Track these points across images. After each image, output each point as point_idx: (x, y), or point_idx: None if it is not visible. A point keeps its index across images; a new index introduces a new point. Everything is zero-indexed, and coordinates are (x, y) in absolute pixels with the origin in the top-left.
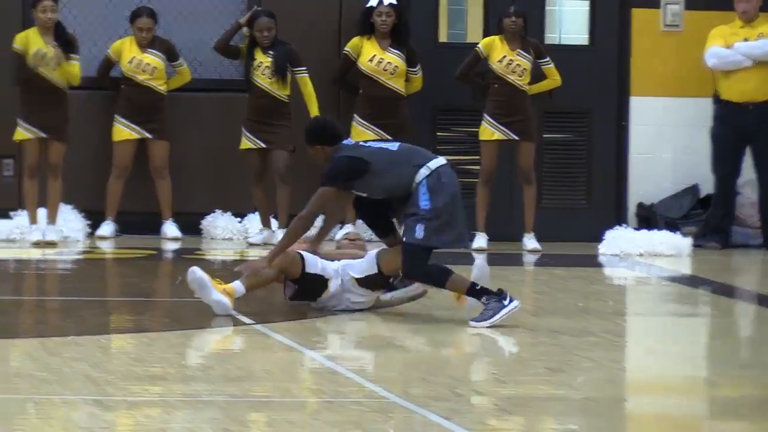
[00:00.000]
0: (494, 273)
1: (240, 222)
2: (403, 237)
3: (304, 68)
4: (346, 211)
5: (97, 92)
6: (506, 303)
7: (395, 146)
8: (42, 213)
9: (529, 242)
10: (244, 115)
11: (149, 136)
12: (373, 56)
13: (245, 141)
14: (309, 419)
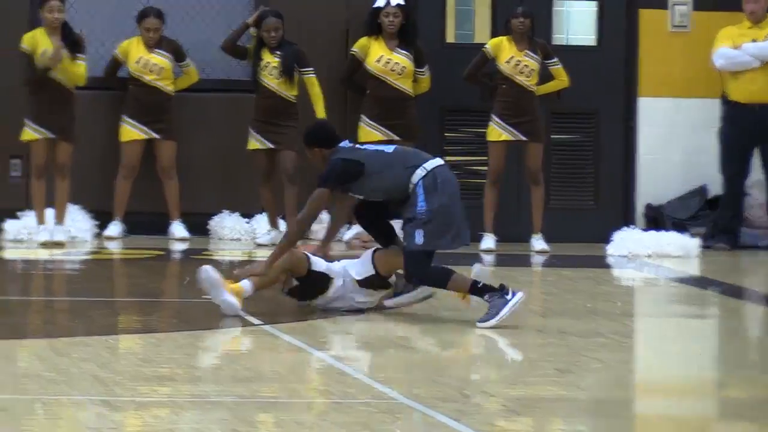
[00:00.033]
0: (502, 274)
1: (248, 222)
2: (404, 243)
3: (311, 69)
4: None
5: (105, 92)
6: (509, 297)
7: (391, 148)
8: (50, 213)
9: (537, 243)
10: (252, 116)
11: (157, 137)
12: (381, 57)
13: (253, 141)
14: (317, 420)
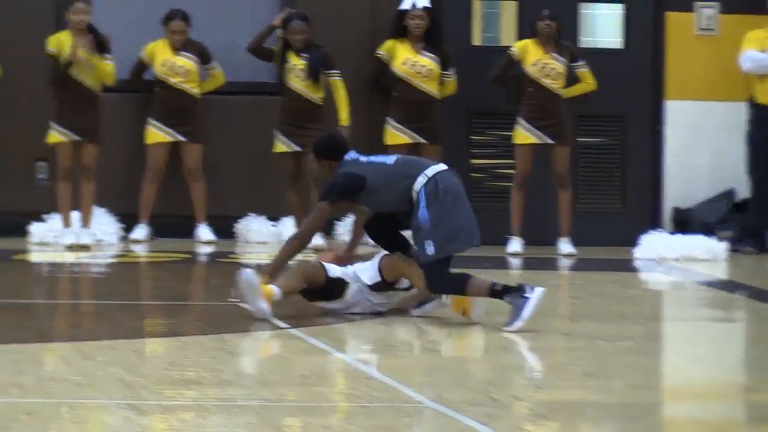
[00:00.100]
0: (529, 277)
1: (274, 225)
2: (417, 256)
3: (337, 71)
4: None
5: (130, 95)
6: (529, 295)
7: (392, 159)
8: (75, 216)
9: (565, 247)
10: (278, 118)
11: (183, 139)
12: (407, 59)
13: (279, 144)
14: (344, 424)
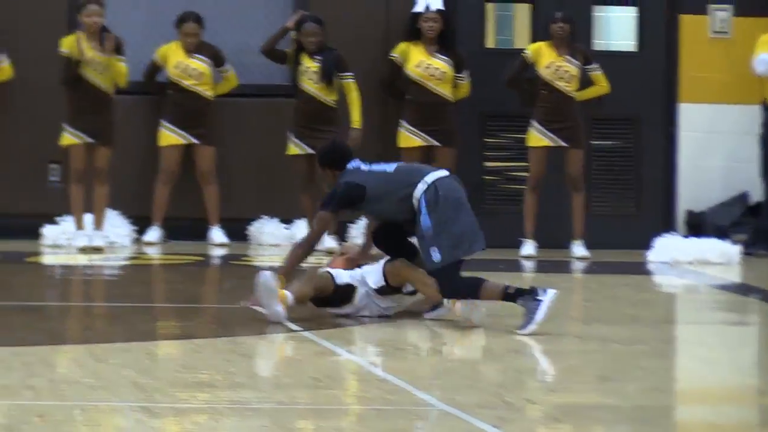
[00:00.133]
0: (543, 280)
1: (287, 228)
2: (425, 264)
3: (351, 74)
4: None
5: (143, 97)
6: (542, 298)
7: (392, 167)
8: (88, 218)
9: (578, 249)
10: (291, 121)
11: (196, 142)
12: (421, 62)
13: (292, 147)
14: (356, 427)
